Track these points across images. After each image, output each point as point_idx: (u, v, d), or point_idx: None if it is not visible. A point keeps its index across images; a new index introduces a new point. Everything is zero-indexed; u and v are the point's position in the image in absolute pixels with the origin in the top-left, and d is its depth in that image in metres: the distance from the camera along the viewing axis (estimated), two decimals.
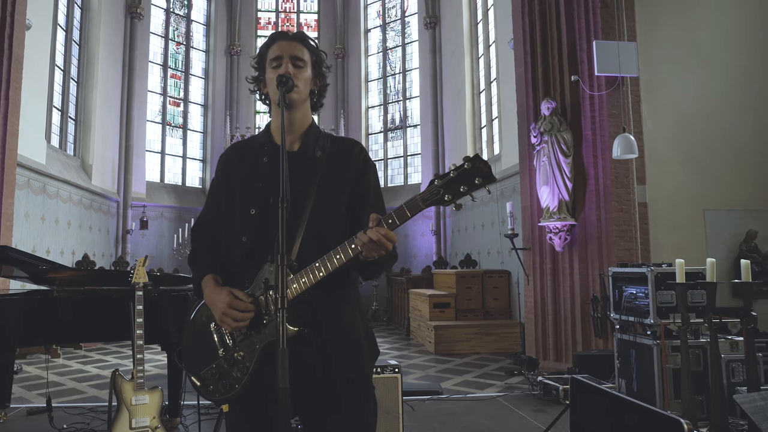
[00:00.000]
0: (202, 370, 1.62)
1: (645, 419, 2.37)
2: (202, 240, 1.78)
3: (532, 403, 4.94)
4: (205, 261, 1.73)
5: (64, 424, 4.19)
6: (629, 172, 6.58)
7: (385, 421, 3.60)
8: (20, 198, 7.95)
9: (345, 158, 1.72)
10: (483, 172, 1.41)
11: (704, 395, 4.27)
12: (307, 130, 1.73)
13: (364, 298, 12.97)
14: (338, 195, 1.68)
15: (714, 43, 6.98)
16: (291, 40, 1.71)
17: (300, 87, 1.67)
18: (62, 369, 6.94)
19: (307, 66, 1.70)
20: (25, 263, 3.53)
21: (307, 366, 1.57)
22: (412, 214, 1.44)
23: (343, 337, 1.63)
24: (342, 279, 1.65)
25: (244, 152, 1.77)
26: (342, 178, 1.69)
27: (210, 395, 1.62)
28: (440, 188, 1.43)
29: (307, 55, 1.71)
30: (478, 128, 12.12)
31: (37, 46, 8.46)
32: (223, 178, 1.77)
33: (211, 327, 1.64)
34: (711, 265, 3.85)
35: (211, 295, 1.62)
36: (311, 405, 1.61)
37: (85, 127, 11.15)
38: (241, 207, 1.68)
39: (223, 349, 1.60)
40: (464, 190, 1.42)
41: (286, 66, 1.65)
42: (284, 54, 1.67)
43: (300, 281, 1.52)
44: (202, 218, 1.82)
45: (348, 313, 1.67)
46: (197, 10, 15.08)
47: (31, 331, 3.52)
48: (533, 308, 6.92)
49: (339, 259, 1.49)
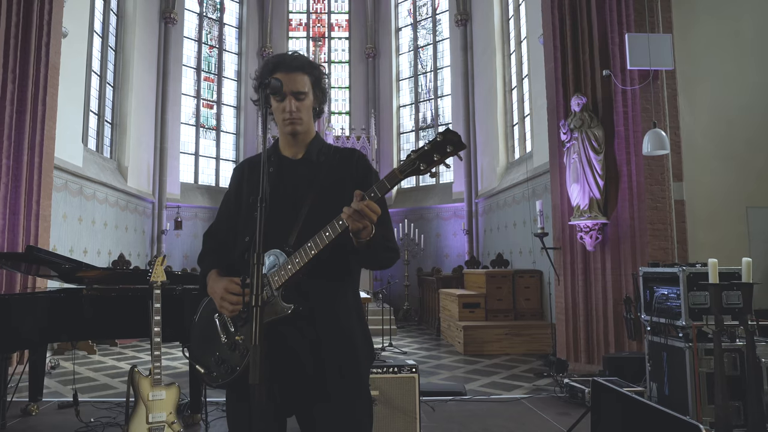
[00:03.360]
0: (206, 358, 1.70)
1: (663, 423, 2.28)
2: (212, 243, 1.91)
3: (558, 405, 4.81)
4: (211, 260, 1.85)
5: (92, 418, 4.31)
6: (664, 169, 6.35)
7: (403, 421, 3.55)
8: (58, 200, 8.23)
9: (346, 163, 1.81)
10: (453, 141, 1.48)
11: (741, 401, 4.07)
12: (311, 141, 1.84)
13: (396, 298, 12.98)
14: (340, 194, 1.70)
15: (757, 32, 6.66)
16: (292, 72, 1.75)
17: (303, 119, 1.77)
18: (97, 365, 7.13)
19: (308, 94, 1.78)
20: (51, 262, 3.63)
21: (300, 361, 1.61)
22: (392, 185, 1.52)
23: (337, 332, 1.67)
24: (340, 275, 1.70)
25: (253, 165, 1.88)
26: (344, 179, 1.76)
27: (213, 381, 1.69)
28: (416, 159, 1.49)
29: (308, 83, 1.78)
30: (510, 126, 11.93)
31: (74, 53, 8.75)
32: (234, 188, 1.91)
33: (214, 317, 1.72)
34: (747, 265, 3.66)
35: (212, 285, 1.74)
36: (304, 400, 1.64)
37: (121, 130, 11.47)
38: (246, 212, 1.78)
39: (225, 335, 1.68)
40: (437, 158, 1.48)
41: (290, 104, 1.73)
42: (287, 91, 1.73)
43: (294, 261, 1.59)
44: (214, 224, 1.96)
45: (344, 310, 1.70)
46: (229, 13, 15.33)
47: (56, 328, 3.62)
48: (564, 309, 6.75)
49: (328, 236, 1.55)
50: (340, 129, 15.01)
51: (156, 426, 3.10)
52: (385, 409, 3.55)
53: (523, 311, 8.76)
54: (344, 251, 1.60)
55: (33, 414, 4.50)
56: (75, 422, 4.15)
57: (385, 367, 3.62)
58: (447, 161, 1.50)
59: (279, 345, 1.58)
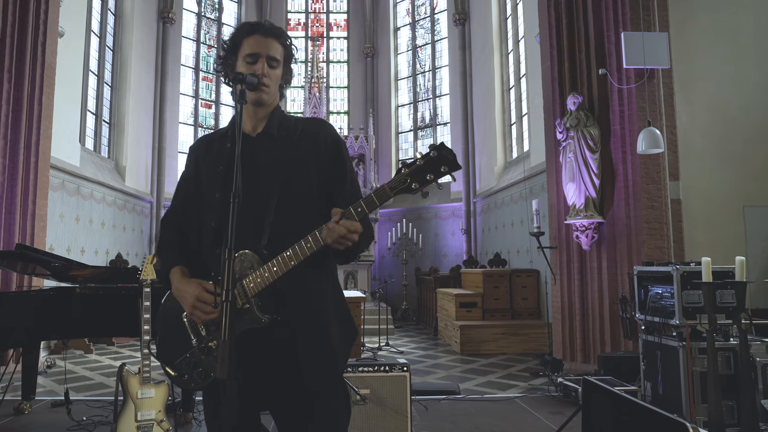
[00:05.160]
0: (176, 361, 1.62)
1: (652, 421, 2.27)
2: (170, 232, 1.78)
3: (551, 404, 4.80)
4: (172, 253, 1.73)
5: (84, 417, 4.30)
6: (660, 168, 6.32)
7: (393, 420, 3.54)
8: (55, 199, 8.23)
9: (310, 137, 1.71)
10: (448, 160, 1.42)
11: (735, 400, 4.05)
12: (271, 112, 1.73)
13: (395, 298, 12.96)
14: (307, 176, 1.66)
15: (755, 30, 6.63)
16: (269, 37, 1.70)
17: (271, 88, 1.68)
18: (94, 364, 7.13)
19: (280, 65, 1.71)
20: (41, 260, 3.62)
21: (274, 357, 1.56)
22: (381, 202, 1.46)
23: (313, 329, 1.61)
24: (317, 273, 1.63)
25: (210, 142, 1.78)
26: (309, 158, 1.67)
27: (185, 385, 1.62)
28: (407, 177, 1.44)
29: (281, 53, 1.72)
30: (508, 125, 11.91)
31: (71, 53, 8.74)
32: (191, 168, 1.77)
33: (183, 317, 1.63)
34: (740, 264, 3.65)
35: (179, 287, 1.62)
36: (280, 400, 1.60)
37: (119, 130, 11.47)
38: (207, 193, 1.68)
39: (196, 338, 1.60)
40: (430, 178, 1.43)
41: (262, 66, 1.66)
42: (262, 53, 1.67)
43: (272, 270, 1.51)
44: (170, 211, 1.82)
45: (322, 307, 1.65)
46: (228, 13, 15.33)
47: (46, 326, 3.61)
48: (560, 308, 6.74)
49: (309, 247, 1.49)
50: (338, 129, 15.00)
51: (145, 424, 3.09)
52: (376, 407, 3.54)
53: (520, 310, 8.75)
54: None
55: (26, 413, 4.49)
56: (67, 421, 4.14)
57: (377, 366, 3.61)
58: (439, 181, 1.45)
59: (252, 341, 1.53)
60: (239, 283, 1.54)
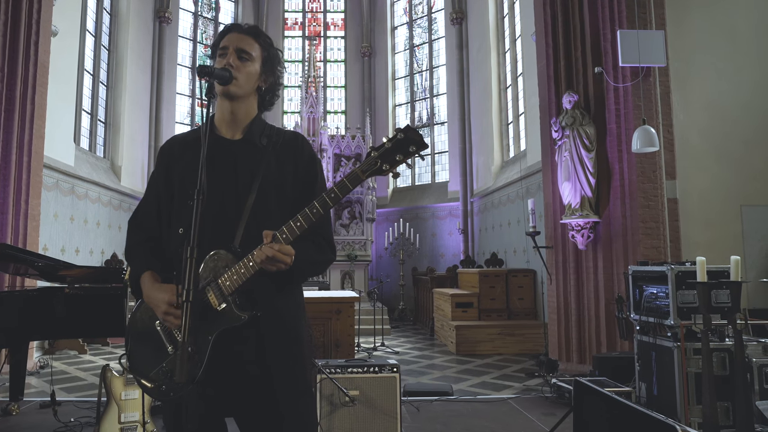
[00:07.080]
0: (152, 371, 1.57)
1: (642, 423, 2.23)
2: (140, 234, 1.73)
3: (544, 406, 4.75)
4: (143, 257, 1.68)
5: (71, 418, 4.25)
6: (656, 167, 6.28)
7: (383, 421, 3.49)
8: (49, 199, 8.17)
9: (290, 149, 1.71)
10: (415, 140, 1.45)
11: (730, 401, 4.01)
12: (251, 121, 1.72)
13: (392, 298, 12.92)
14: (283, 184, 1.65)
15: (753, 28, 6.59)
16: (243, 33, 1.69)
17: (240, 80, 1.64)
18: (87, 365, 7.08)
19: (254, 61, 1.68)
20: (24, 260, 3.57)
21: (243, 364, 1.54)
22: (353, 185, 1.46)
23: (281, 331, 1.59)
24: (287, 275, 1.59)
25: (184, 144, 1.73)
26: (287, 167, 1.67)
27: (164, 395, 1.55)
28: (377, 159, 1.45)
29: (257, 50, 1.69)
30: (505, 124, 11.87)
31: (65, 52, 8.69)
32: (162, 170, 1.73)
33: (155, 325, 1.59)
34: (735, 263, 3.60)
35: (150, 294, 1.58)
36: (247, 403, 1.56)
37: (115, 129, 11.42)
38: (179, 198, 1.64)
39: (172, 345, 1.55)
40: (400, 158, 1.45)
41: (230, 57, 1.63)
42: (231, 45, 1.65)
43: (248, 265, 1.49)
44: (139, 211, 1.77)
45: (289, 307, 1.63)
46: (224, 12, 15.29)
47: (29, 326, 3.56)
48: (556, 308, 6.69)
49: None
50: (335, 128, 14.95)
51: (128, 426, 3.04)
52: (365, 409, 3.49)
53: (516, 311, 8.70)
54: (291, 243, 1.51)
55: (13, 414, 4.45)
56: (54, 422, 4.09)
57: (366, 367, 3.56)
58: (409, 161, 1.46)
59: (220, 345, 1.49)
60: (214, 283, 1.51)
